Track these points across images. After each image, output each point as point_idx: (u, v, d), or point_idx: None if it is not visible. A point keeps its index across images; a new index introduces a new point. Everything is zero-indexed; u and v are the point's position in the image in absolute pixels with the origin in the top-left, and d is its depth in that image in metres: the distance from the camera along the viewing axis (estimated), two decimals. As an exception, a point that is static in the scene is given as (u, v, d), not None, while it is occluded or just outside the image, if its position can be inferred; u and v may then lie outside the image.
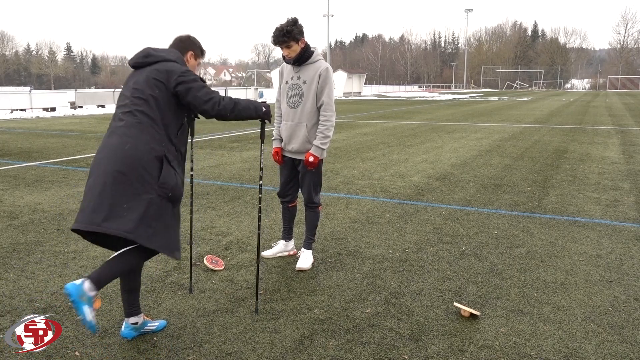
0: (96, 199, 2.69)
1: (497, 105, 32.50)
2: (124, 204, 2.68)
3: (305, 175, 4.09)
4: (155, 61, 2.93)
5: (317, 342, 3.00)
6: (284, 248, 4.39)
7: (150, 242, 2.74)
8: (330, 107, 3.95)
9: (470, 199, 6.51)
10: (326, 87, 3.92)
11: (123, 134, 2.79)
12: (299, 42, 3.83)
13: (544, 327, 3.17)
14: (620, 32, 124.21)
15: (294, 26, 3.77)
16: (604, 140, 12.77)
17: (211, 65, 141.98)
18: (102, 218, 2.64)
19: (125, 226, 2.66)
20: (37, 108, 26.75)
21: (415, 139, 13.07)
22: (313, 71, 3.91)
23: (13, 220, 5.55)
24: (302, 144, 3.98)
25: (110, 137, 2.84)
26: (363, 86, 62.21)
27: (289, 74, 4.02)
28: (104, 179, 2.71)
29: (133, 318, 2.99)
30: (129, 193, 2.69)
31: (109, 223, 2.64)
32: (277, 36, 3.79)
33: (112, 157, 2.74)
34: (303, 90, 3.94)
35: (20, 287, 3.77)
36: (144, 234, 2.71)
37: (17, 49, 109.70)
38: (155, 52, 2.97)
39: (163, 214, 2.80)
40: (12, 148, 11.72)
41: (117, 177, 2.69)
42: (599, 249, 4.59)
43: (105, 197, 2.67)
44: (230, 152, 10.81)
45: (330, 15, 54.07)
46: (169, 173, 2.80)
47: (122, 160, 2.71)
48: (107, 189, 2.68)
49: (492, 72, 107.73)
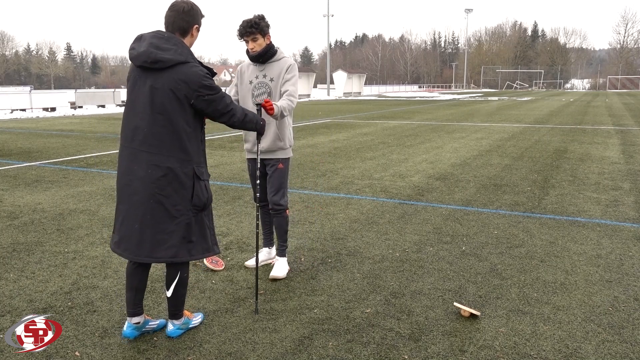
0: (138, 231, 2.80)
1: (497, 105, 32.50)
2: (164, 231, 2.80)
3: (272, 177, 3.89)
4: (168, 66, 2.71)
5: (317, 342, 3.00)
6: (268, 256, 4.23)
7: (192, 255, 2.91)
8: (295, 95, 3.74)
9: (470, 199, 6.51)
10: (292, 79, 3.77)
11: (148, 161, 2.75)
12: (266, 36, 3.72)
13: (544, 327, 3.17)
14: (620, 32, 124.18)
15: (261, 20, 3.68)
16: (604, 140, 12.77)
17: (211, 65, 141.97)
18: (148, 250, 2.80)
19: (169, 252, 2.83)
20: (37, 108, 26.75)
21: (415, 139, 13.06)
22: (279, 68, 3.79)
23: (13, 220, 5.55)
24: (272, 142, 3.81)
25: (133, 161, 2.78)
26: (363, 86, 62.16)
27: (253, 73, 3.84)
28: (141, 209, 2.78)
29: (136, 318, 2.99)
30: (167, 219, 2.79)
31: (155, 253, 2.81)
32: (245, 27, 3.66)
33: (143, 185, 2.77)
34: (271, 87, 3.79)
35: (20, 287, 3.77)
36: (185, 252, 2.87)
37: (17, 49, 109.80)
38: (163, 53, 2.70)
39: (200, 223, 2.91)
40: (12, 148, 11.72)
41: (153, 207, 2.77)
42: (599, 249, 4.59)
43: (146, 229, 2.78)
44: (230, 152, 10.81)
45: (330, 15, 54.12)
46: (200, 189, 2.87)
47: (154, 189, 2.75)
48: (146, 220, 2.78)
49: (492, 72, 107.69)
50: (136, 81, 2.79)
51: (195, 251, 2.92)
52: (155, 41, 2.73)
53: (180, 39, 2.81)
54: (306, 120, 19.18)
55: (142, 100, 2.75)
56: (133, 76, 2.82)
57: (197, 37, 2.94)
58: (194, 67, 2.76)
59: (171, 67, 2.71)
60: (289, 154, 3.93)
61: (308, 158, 9.87)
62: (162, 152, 2.74)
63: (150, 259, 2.83)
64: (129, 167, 2.80)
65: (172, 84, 2.71)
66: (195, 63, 2.79)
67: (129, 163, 2.80)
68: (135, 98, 2.79)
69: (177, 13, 2.80)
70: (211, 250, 3.00)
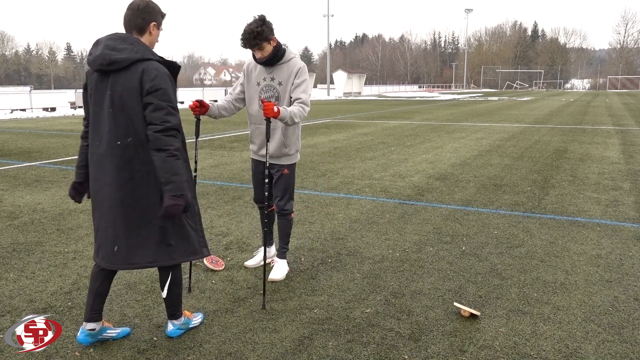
0: (111, 238, 2.73)
1: (497, 105, 32.50)
2: (138, 236, 2.72)
3: (278, 182, 3.85)
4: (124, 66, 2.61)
5: (317, 342, 3.00)
6: (268, 255, 4.19)
7: (173, 259, 2.82)
8: (307, 103, 3.63)
9: (470, 199, 6.51)
10: (302, 85, 3.64)
11: (114, 165, 2.67)
12: (271, 41, 3.57)
13: (544, 327, 3.17)
14: (620, 32, 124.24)
15: (263, 25, 3.49)
16: (604, 140, 12.77)
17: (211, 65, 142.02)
18: (124, 257, 2.73)
19: (146, 258, 2.75)
20: (37, 108, 26.75)
21: (415, 139, 13.06)
22: (288, 71, 3.66)
23: (13, 220, 5.55)
24: (277, 148, 3.74)
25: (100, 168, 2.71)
26: (363, 86, 62.15)
27: (261, 75, 3.73)
28: (112, 215, 2.71)
29: (91, 324, 2.88)
30: (140, 224, 2.71)
31: (131, 259, 2.74)
32: (248, 39, 3.51)
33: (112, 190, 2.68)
34: (279, 91, 3.68)
35: (20, 287, 3.77)
36: (165, 255, 2.79)
37: (17, 49, 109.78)
38: (118, 53, 2.61)
39: (178, 225, 2.80)
40: (12, 148, 11.71)
41: (124, 212, 2.69)
42: (599, 249, 4.59)
43: (120, 235, 2.71)
44: (230, 152, 10.81)
45: (330, 15, 54.12)
46: None
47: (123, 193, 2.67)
48: (117, 226, 2.71)
49: (492, 72, 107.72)
50: (97, 86, 2.71)
51: (177, 254, 2.81)
52: (110, 43, 2.65)
53: (137, 38, 2.71)
54: (306, 120, 19.18)
55: (105, 104, 2.67)
56: (94, 81, 2.72)
57: (158, 36, 2.82)
58: (152, 63, 2.63)
59: (128, 67, 2.62)
60: (294, 160, 3.89)
61: (308, 158, 9.87)
62: (127, 155, 2.65)
63: (127, 266, 2.76)
64: (97, 174, 2.74)
65: (130, 84, 2.61)
66: (154, 59, 2.66)
67: (97, 170, 2.74)
68: (98, 103, 2.70)
69: (132, 11, 2.73)
70: (199, 253, 2.91)
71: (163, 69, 2.65)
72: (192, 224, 2.87)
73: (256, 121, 3.82)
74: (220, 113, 3.80)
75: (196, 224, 2.91)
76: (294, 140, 3.83)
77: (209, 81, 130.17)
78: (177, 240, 2.80)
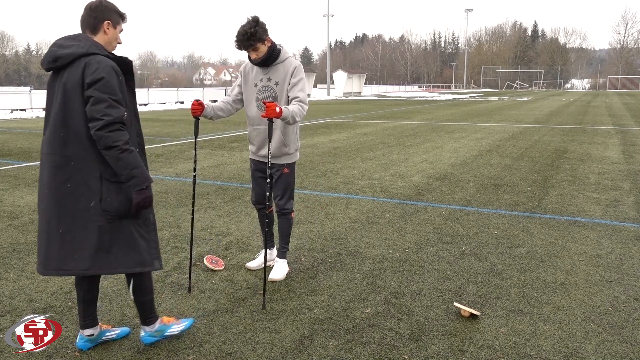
0: (45, 241, 2.58)
1: (497, 105, 32.50)
2: (74, 240, 2.55)
3: (278, 181, 3.85)
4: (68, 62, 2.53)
5: (317, 342, 3.00)
6: (268, 257, 4.17)
7: (114, 268, 2.63)
8: (305, 101, 3.65)
9: (470, 199, 6.51)
10: (299, 84, 3.66)
11: (51, 164, 2.56)
12: (265, 42, 3.57)
13: (544, 327, 3.17)
14: (620, 32, 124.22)
15: (256, 26, 3.50)
16: (604, 140, 12.78)
17: (211, 65, 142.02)
18: (57, 262, 2.56)
19: (81, 264, 2.56)
20: (37, 108, 26.77)
21: (415, 139, 13.07)
22: (284, 71, 3.67)
23: (13, 220, 5.55)
24: (277, 147, 3.75)
25: (42, 168, 2.61)
26: (363, 86, 62.17)
27: (257, 76, 3.75)
28: (47, 216, 2.57)
29: (88, 330, 2.86)
30: (76, 227, 2.55)
31: (64, 265, 2.56)
32: (242, 41, 3.52)
33: (49, 191, 2.57)
34: (276, 91, 3.69)
35: (20, 287, 3.77)
36: (103, 263, 2.59)
37: (17, 49, 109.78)
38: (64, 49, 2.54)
39: (121, 232, 2.61)
40: (12, 148, 11.71)
41: (60, 214, 2.54)
42: (599, 249, 4.59)
43: (54, 239, 2.55)
44: (230, 152, 10.81)
45: (330, 15, 54.12)
46: (110, 193, 2.56)
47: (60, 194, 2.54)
48: (52, 229, 2.55)
49: (492, 72, 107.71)
50: (50, 86, 2.64)
51: (118, 264, 2.61)
52: (60, 41, 2.59)
53: (88, 36, 2.61)
54: (306, 120, 19.17)
55: (54, 103, 2.58)
56: (48, 81, 2.66)
57: (116, 36, 2.69)
58: (96, 57, 2.49)
59: (72, 62, 2.51)
60: (294, 159, 3.90)
61: (308, 158, 9.87)
62: (65, 154, 2.52)
63: (59, 272, 2.60)
64: (40, 174, 2.64)
65: (74, 79, 2.49)
66: (100, 53, 2.53)
67: (40, 170, 2.64)
68: (50, 103, 2.62)
69: (85, 11, 2.65)
70: (148, 265, 2.70)
71: (108, 61, 2.52)
72: (143, 233, 2.70)
73: (254, 122, 3.83)
74: (217, 114, 3.81)
75: (149, 233, 2.73)
76: (293, 139, 3.84)
77: (209, 81, 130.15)
78: (120, 248, 2.61)
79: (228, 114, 3.89)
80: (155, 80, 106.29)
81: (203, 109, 3.65)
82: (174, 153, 10.67)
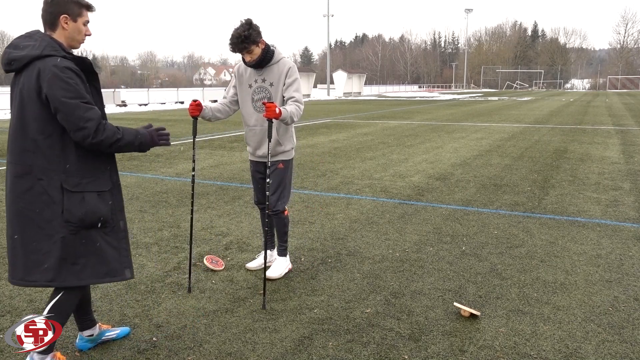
0: (11, 251, 2.52)
1: (497, 105, 32.50)
2: (39, 251, 2.46)
3: (272, 176, 3.84)
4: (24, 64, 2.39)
5: (317, 342, 3.00)
6: (269, 258, 4.18)
7: (79, 279, 2.52)
8: (301, 101, 3.68)
9: (470, 199, 6.51)
10: (294, 84, 3.69)
11: (13, 173, 2.46)
12: (259, 44, 3.59)
13: (544, 327, 3.17)
14: (620, 32, 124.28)
15: (250, 29, 3.52)
16: (604, 140, 12.78)
17: (211, 65, 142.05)
18: (22, 272, 2.50)
19: (45, 275, 2.47)
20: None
21: (415, 139, 13.07)
22: (278, 72, 3.70)
23: (13, 220, 5.54)
24: (273, 147, 3.77)
25: (6, 176, 2.52)
26: (363, 86, 62.18)
27: (252, 77, 3.77)
28: (11, 226, 2.51)
29: (87, 331, 2.87)
30: (41, 237, 2.45)
31: (29, 276, 2.49)
32: (236, 43, 3.53)
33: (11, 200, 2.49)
34: (271, 92, 3.72)
35: (20, 287, 3.76)
36: (69, 275, 2.50)
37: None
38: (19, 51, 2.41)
39: (88, 242, 2.51)
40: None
41: (23, 223, 2.45)
42: (599, 249, 4.59)
43: (18, 249, 2.49)
44: (230, 152, 10.81)
45: (330, 15, 54.13)
46: (72, 203, 2.45)
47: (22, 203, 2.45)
48: (16, 238, 2.48)
49: (492, 72, 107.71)
50: (12, 89, 2.51)
51: (85, 275, 2.51)
52: (16, 41, 2.45)
53: (46, 34, 2.46)
54: (306, 120, 19.18)
55: (12, 109, 2.47)
56: (11, 84, 2.53)
57: (77, 30, 2.49)
58: (50, 60, 2.35)
59: (27, 65, 2.38)
60: (290, 155, 3.91)
61: (308, 158, 9.87)
62: (25, 162, 2.41)
63: (24, 282, 2.51)
64: (5, 184, 2.55)
65: (30, 84, 2.36)
66: (57, 55, 2.38)
67: (5, 179, 2.55)
68: (12, 107, 2.51)
69: (43, 6, 2.47)
70: (118, 275, 2.61)
71: (64, 62, 2.37)
72: (112, 241, 2.60)
73: (250, 123, 3.85)
74: (215, 115, 3.84)
75: (119, 242, 2.63)
76: (288, 137, 3.88)
77: (208, 81, 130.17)
78: (87, 259, 2.52)
79: (226, 116, 3.92)
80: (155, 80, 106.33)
81: (201, 110, 3.66)
82: (173, 153, 10.67)
